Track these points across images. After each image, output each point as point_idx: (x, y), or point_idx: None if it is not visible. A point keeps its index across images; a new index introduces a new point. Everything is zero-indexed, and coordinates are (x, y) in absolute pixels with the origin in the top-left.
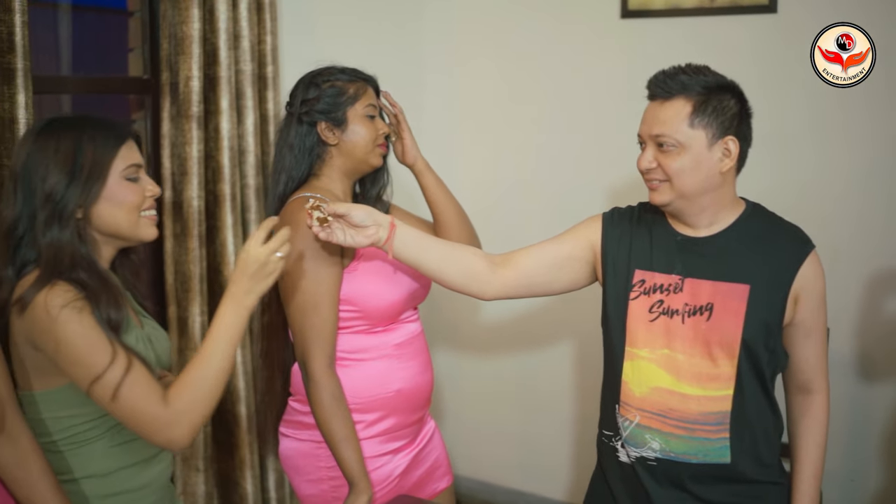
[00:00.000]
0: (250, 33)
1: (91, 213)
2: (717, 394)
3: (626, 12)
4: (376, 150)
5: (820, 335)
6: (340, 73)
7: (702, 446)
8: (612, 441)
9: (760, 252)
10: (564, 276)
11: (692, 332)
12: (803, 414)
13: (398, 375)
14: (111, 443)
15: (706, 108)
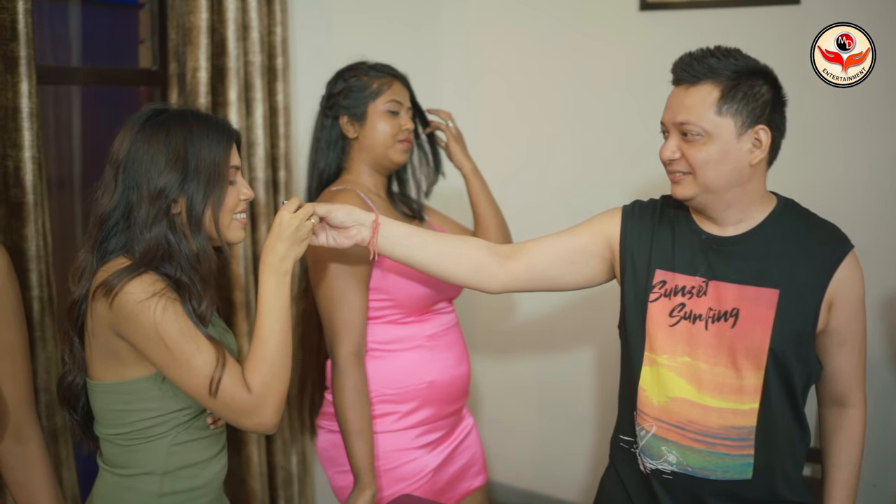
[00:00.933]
0: (259, 24)
1: (216, 214)
2: (741, 407)
3: (644, 4)
4: (397, 146)
5: (857, 344)
6: (370, 68)
7: (722, 462)
8: (632, 448)
9: (792, 253)
10: (577, 271)
11: (716, 339)
12: (837, 428)
13: (431, 367)
14: (175, 441)
15: (736, 94)
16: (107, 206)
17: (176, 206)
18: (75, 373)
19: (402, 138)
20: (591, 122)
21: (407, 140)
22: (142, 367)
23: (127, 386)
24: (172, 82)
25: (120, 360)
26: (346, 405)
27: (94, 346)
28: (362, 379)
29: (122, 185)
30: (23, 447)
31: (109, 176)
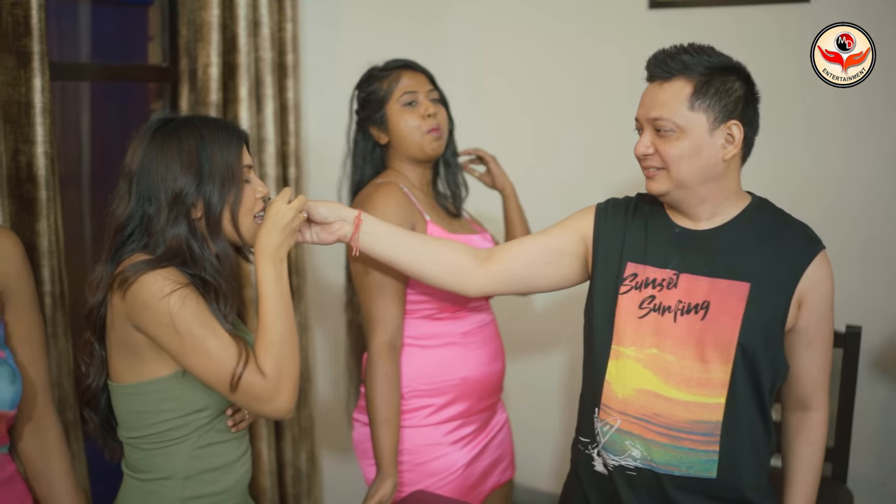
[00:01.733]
0: (270, 20)
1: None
2: (707, 401)
3: (653, 2)
4: (427, 137)
5: (823, 345)
6: (379, 71)
7: (686, 457)
8: (587, 449)
9: (764, 249)
10: (553, 272)
11: (685, 331)
12: (799, 432)
13: (463, 364)
14: (197, 445)
15: (708, 90)
16: (122, 217)
17: (195, 210)
18: (94, 377)
19: (429, 128)
20: (598, 121)
21: (436, 129)
22: (160, 364)
23: (146, 386)
24: (183, 78)
25: (138, 356)
26: (376, 395)
27: (113, 343)
28: (394, 370)
29: (136, 196)
30: (41, 437)
31: (123, 188)
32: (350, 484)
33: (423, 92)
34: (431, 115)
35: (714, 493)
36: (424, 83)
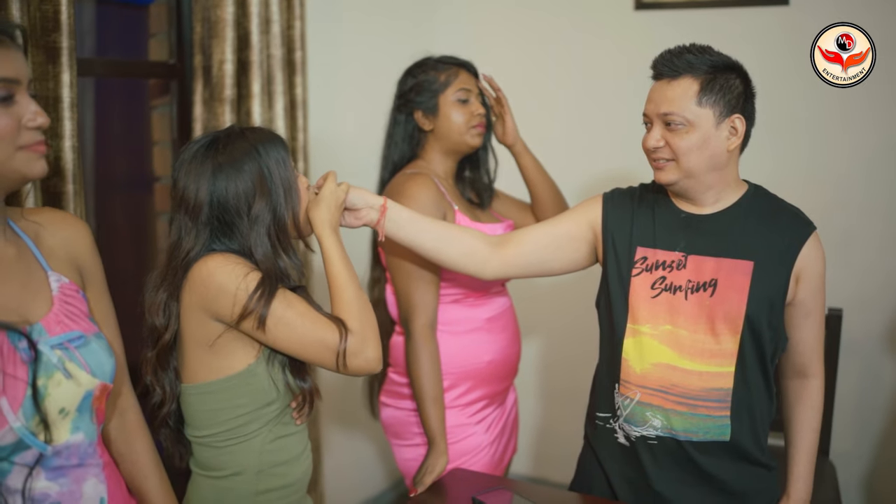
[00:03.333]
0: (280, 18)
1: (297, 217)
2: (719, 370)
3: (639, 4)
4: (472, 132)
5: (818, 317)
6: (436, 62)
7: (703, 423)
8: (608, 423)
9: (764, 230)
10: (563, 256)
11: (696, 307)
12: (799, 398)
13: (489, 347)
14: (267, 438)
15: (713, 87)
16: (193, 251)
17: (269, 221)
18: (168, 405)
19: (476, 123)
20: (587, 119)
21: (481, 125)
22: (236, 359)
23: (219, 384)
24: (197, 74)
25: (215, 351)
26: (421, 374)
27: (188, 344)
28: (436, 350)
29: (207, 226)
30: (122, 418)
31: (186, 223)
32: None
33: (474, 93)
34: (481, 114)
35: (729, 454)
36: (475, 86)
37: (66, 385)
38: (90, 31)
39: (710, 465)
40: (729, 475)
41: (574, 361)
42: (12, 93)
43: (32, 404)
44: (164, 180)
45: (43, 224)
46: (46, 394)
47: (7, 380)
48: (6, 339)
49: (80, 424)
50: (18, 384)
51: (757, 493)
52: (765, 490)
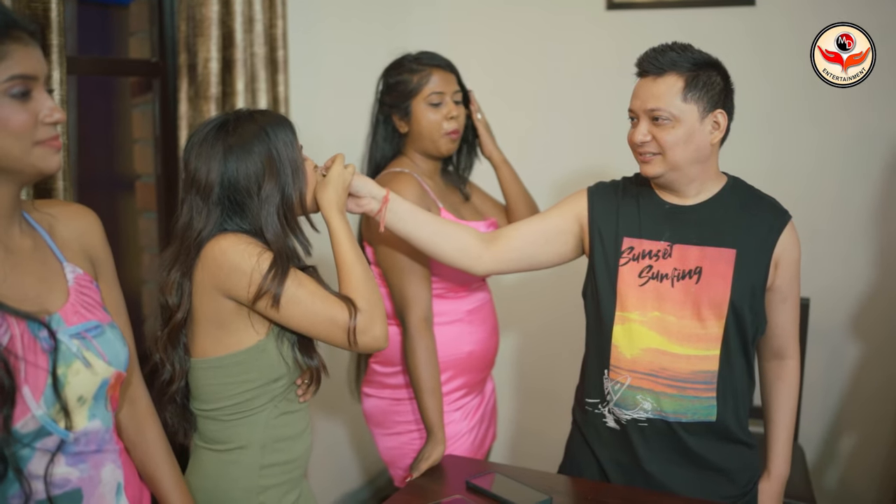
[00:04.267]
0: (263, 17)
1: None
2: (705, 353)
3: (611, 4)
4: (444, 139)
5: (795, 302)
6: (411, 62)
7: (691, 405)
8: (597, 408)
9: (744, 220)
10: (552, 249)
11: (682, 294)
12: (777, 378)
13: (470, 339)
14: (273, 413)
15: (697, 84)
16: (205, 231)
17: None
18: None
19: (448, 130)
20: (559, 116)
21: (454, 132)
22: (245, 335)
23: (230, 359)
24: (182, 73)
25: (226, 328)
26: (419, 366)
27: (199, 320)
28: (433, 342)
29: (219, 206)
30: (133, 407)
31: (198, 203)
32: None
33: (449, 93)
34: (454, 118)
35: (715, 434)
36: (452, 84)
37: (84, 374)
38: (70, 29)
39: (697, 444)
40: (714, 454)
41: (549, 356)
42: (30, 89)
43: (53, 392)
44: (146, 178)
45: (56, 216)
46: (66, 382)
47: (29, 368)
48: (27, 328)
49: (97, 412)
50: (39, 373)
51: (740, 470)
52: (747, 468)
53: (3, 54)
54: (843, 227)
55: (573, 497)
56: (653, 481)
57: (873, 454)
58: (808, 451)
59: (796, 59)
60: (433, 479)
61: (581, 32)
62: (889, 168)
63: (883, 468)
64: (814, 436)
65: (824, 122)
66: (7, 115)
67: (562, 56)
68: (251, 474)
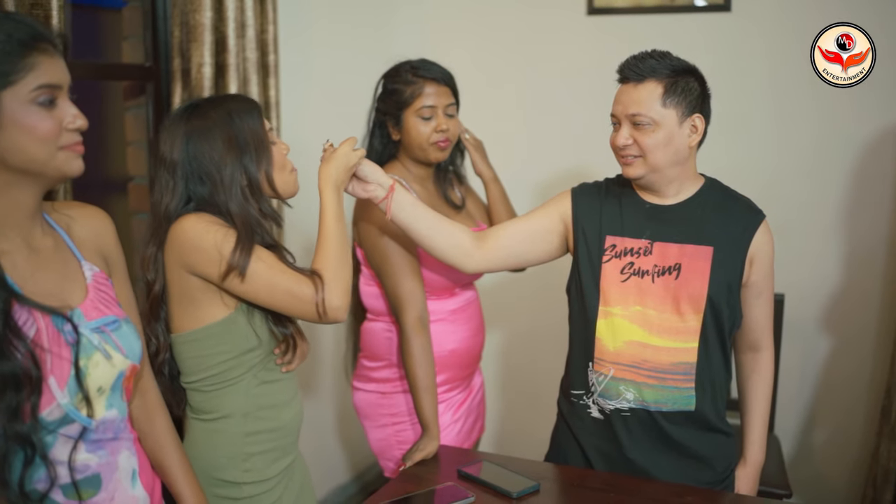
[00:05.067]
0: (255, 23)
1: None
2: (684, 345)
3: (591, 9)
4: (433, 148)
5: (769, 297)
6: (407, 71)
7: (671, 395)
8: (582, 399)
9: (721, 219)
10: (538, 248)
11: (662, 289)
12: (753, 370)
13: (452, 338)
14: (252, 383)
15: (676, 89)
16: (172, 204)
17: (242, 180)
18: (163, 353)
19: (437, 140)
20: (540, 118)
21: (444, 141)
22: (214, 309)
23: (202, 332)
24: (176, 77)
25: (196, 303)
26: (414, 365)
27: (173, 296)
28: (428, 342)
29: (184, 181)
30: (143, 398)
31: (166, 177)
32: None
33: (441, 107)
34: (443, 131)
35: (693, 423)
36: (445, 97)
37: (104, 365)
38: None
39: (677, 433)
40: (694, 442)
41: (534, 352)
42: (55, 97)
43: (76, 382)
44: (138, 180)
45: (73, 216)
46: (87, 373)
47: (54, 360)
48: (51, 322)
49: (114, 402)
50: (64, 364)
51: (718, 458)
52: (725, 455)
53: (32, 65)
54: (815, 225)
55: (560, 483)
56: (635, 468)
57: (846, 444)
58: (783, 442)
59: (769, 61)
60: (426, 468)
61: (562, 36)
62: (859, 168)
63: (856, 457)
64: (789, 427)
65: (796, 122)
66: (34, 123)
67: (543, 59)
68: (236, 441)
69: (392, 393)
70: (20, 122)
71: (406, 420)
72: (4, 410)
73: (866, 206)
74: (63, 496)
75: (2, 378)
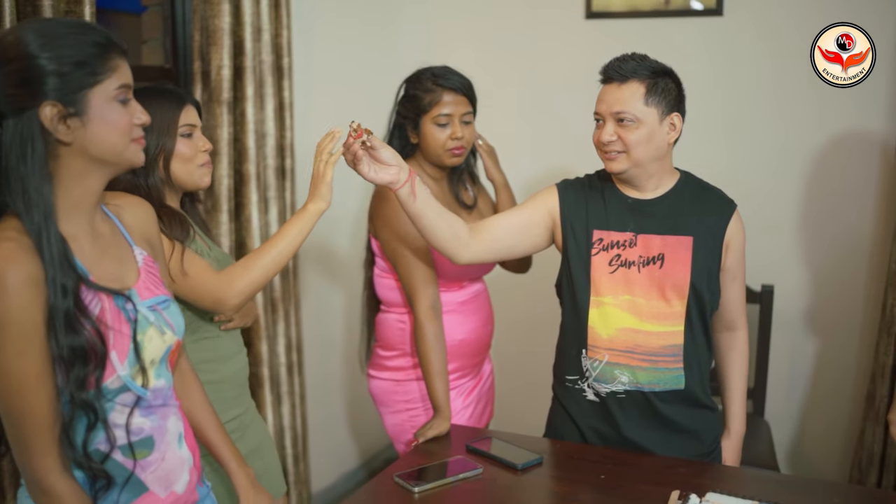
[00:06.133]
0: (270, 27)
1: (169, 163)
2: (672, 329)
3: (590, 13)
4: (448, 153)
5: (742, 280)
6: (428, 79)
7: (663, 376)
8: (577, 384)
9: (698, 209)
10: (527, 240)
11: (648, 279)
12: (731, 348)
13: (461, 328)
14: (192, 339)
15: (656, 89)
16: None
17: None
18: None
19: (452, 147)
20: (540, 117)
21: (458, 148)
22: None
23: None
24: (196, 79)
25: None
26: (428, 350)
27: None
28: (440, 328)
29: None
30: (179, 370)
31: None
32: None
33: (457, 115)
34: (458, 139)
35: (683, 400)
36: (463, 106)
37: (156, 340)
38: None
39: (669, 411)
40: (684, 418)
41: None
42: (129, 96)
43: (134, 355)
44: None
45: (121, 206)
46: (143, 347)
47: (115, 336)
48: (113, 302)
49: (161, 372)
50: (124, 339)
51: (706, 431)
52: (712, 429)
53: (115, 67)
54: (804, 221)
55: (560, 456)
56: (631, 445)
57: (833, 428)
58: (773, 426)
59: (760, 63)
60: (437, 444)
61: (561, 38)
62: (845, 167)
63: (842, 440)
64: (779, 412)
65: (788, 123)
66: (116, 118)
67: (542, 60)
68: None
69: (406, 381)
70: (105, 116)
71: (419, 406)
72: (73, 381)
73: (852, 203)
74: (121, 455)
75: (72, 351)
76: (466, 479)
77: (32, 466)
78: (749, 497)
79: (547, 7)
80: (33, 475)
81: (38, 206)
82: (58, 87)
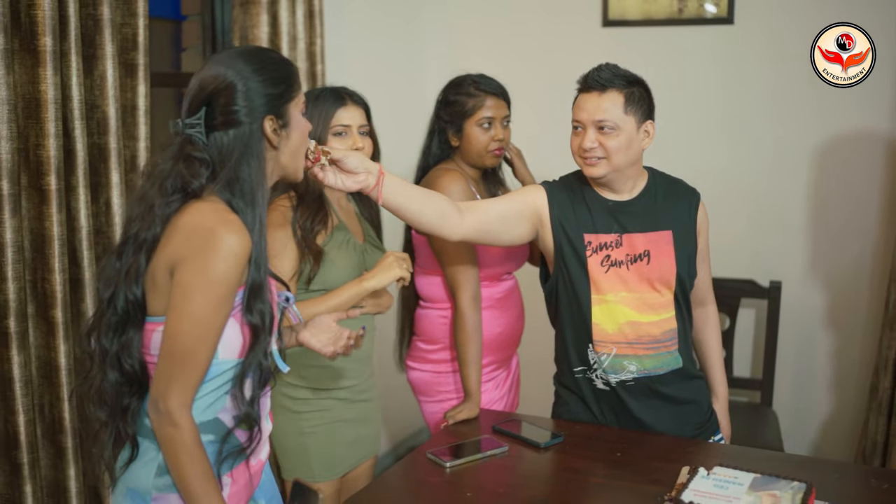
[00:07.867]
0: (305, 36)
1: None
2: (666, 316)
3: (606, 21)
4: (489, 154)
5: (709, 260)
6: (469, 85)
7: (664, 359)
8: (586, 374)
9: (670, 203)
10: (512, 230)
11: (637, 275)
12: (706, 322)
13: (499, 322)
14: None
15: (633, 98)
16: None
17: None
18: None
19: (494, 148)
20: (557, 122)
21: (499, 149)
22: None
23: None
24: None
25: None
26: (466, 340)
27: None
28: (479, 320)
29: None
30: None
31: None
32: None
33: (499, 118)
34: (500, 140)
35: (682, 376)
36: (503, 109)
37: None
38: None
39: (671, 389)
40: (683, 392)
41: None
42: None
43: (278, 335)
44: None
45: None
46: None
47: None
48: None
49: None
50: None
51: (702, 399)
52: (705, 396)
53: (300, 84)
54: (811, 219)
55: (580, 436)
56: (641, 425)
57: (838, 418)
58: (781, 416)
59: (769, 69)
60: (466, 426)
61: (578, 45)
62: (850, 165)
63: (847, 430)
64: (786, 403)
65: (794, 124)
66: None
67: (560, 67)
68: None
69: (445, 373)
70: (299, 125)
71: (454, 398)
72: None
73: (857, 201)
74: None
75: (261, 317)
76: (494, 455)
77: (173, 399)
78: (752, 471)
79: (564, 15)
80: (169, 406)
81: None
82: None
